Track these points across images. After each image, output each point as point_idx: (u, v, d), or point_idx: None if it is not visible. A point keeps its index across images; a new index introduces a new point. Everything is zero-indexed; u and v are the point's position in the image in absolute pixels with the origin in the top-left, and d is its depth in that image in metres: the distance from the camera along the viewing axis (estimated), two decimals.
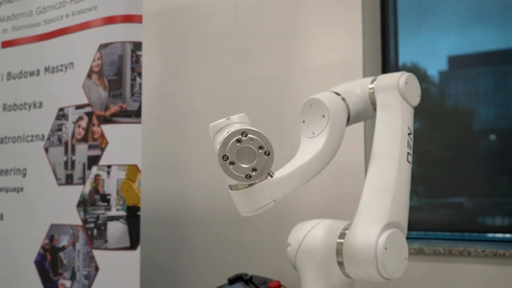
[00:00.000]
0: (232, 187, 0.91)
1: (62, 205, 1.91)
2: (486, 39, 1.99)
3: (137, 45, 1.81)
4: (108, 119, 1.82)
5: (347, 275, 1.03)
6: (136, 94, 1.80)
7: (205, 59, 2.24)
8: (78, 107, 1.90)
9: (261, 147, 0.83)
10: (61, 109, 1.95)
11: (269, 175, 0.88)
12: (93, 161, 1.83)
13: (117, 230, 1.76)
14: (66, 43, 1.96)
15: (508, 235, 1.88)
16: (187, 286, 2.19)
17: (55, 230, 1.92)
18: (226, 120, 0.89)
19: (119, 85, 1.81)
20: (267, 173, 0.85)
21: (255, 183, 0.89)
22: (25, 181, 2.01)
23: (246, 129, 0.82)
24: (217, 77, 2.20)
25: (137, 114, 1.79)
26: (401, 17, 2.10)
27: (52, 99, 1.99)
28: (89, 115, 1.87)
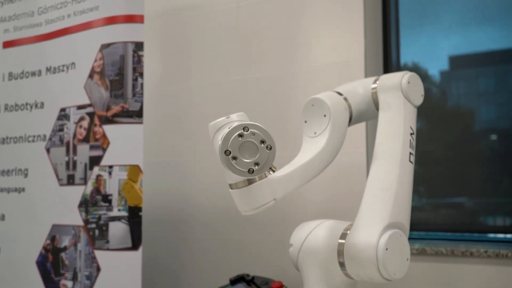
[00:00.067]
0: (232, 186, 0.91)
1: (63, 206, 1.90)
2: (487, 39, 1.98)
3: (139, 45, 1.81)
4: (109, 120, 1.82)
5: (348, 275, 1.02)
6: (137, 94, 1.80)
7: (207, 59, 2.24)
8: (79, 107, 1.90)
9: (263, 141, 0.83)
10: (63, 110, 1.95)
11: (271, 169, 0.88)
12: (95, 161, 1.83)
13: (118, 230, 1.76)
14: (67, 43, 1.96)
15: (509, 236, 1.88)
16: (189, 286, 2.19)
17: (57, 230, 1.91)
18: (225, 118, 0.89)
19: (120, 85, 1.81)
20: (269, 168, 0.85)
21: (255, 181, 0.89)
22: (26, 181, 2.01)
23: (247, 124, 0.83)
24: (218, 77, 2.20)
25: (138, 114, 1.79)
26: (403, 17, 2.10)
27: (53, 99, 1.99)
28: (91, 116, 1.87)
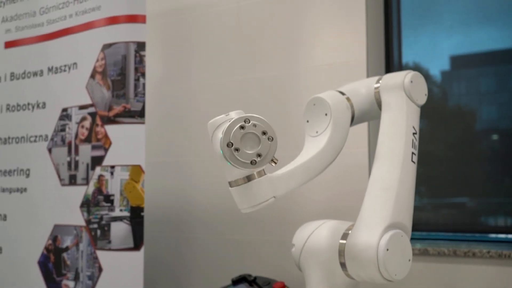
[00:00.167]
0: (231, 183, 0.91)
1: (65, 206, 1.90)
2: (489, 39, 1.98)
3: (141, 45, 1.81)
4: (111, 120, 1.82)
5: (349, 276, 1.02)
6: (139, 94, 1.80)
7: (209, 59, 2.24)
8: (81, 107, 1.90)
9: (264, 132, 0.84)
10: (65, 110, 1.95)
11: (273, 161, 0.88)
12: (97, 161, 1.83)
13: (120, 230, 1.76)
14: (69, 43, 1.96)
15: (511, 236, 1.88)
16: (191, 286, 2.18)
17: (59, 230, 1.91)
18: (225, 116, 0.89)
19: (122, 85, 1.81)
20: (271, 159, 0.85)
21: (254, 178, 0.89)
22: (28, 181, 2.01)
23: (248, 116, 0.84)
24: (220, 77, 2.20)
25: (140, 114, 1.79)
26: (404, 17, 2.10)
27: (55, 99, 1.99)
28: (93, 116, 1.87)
